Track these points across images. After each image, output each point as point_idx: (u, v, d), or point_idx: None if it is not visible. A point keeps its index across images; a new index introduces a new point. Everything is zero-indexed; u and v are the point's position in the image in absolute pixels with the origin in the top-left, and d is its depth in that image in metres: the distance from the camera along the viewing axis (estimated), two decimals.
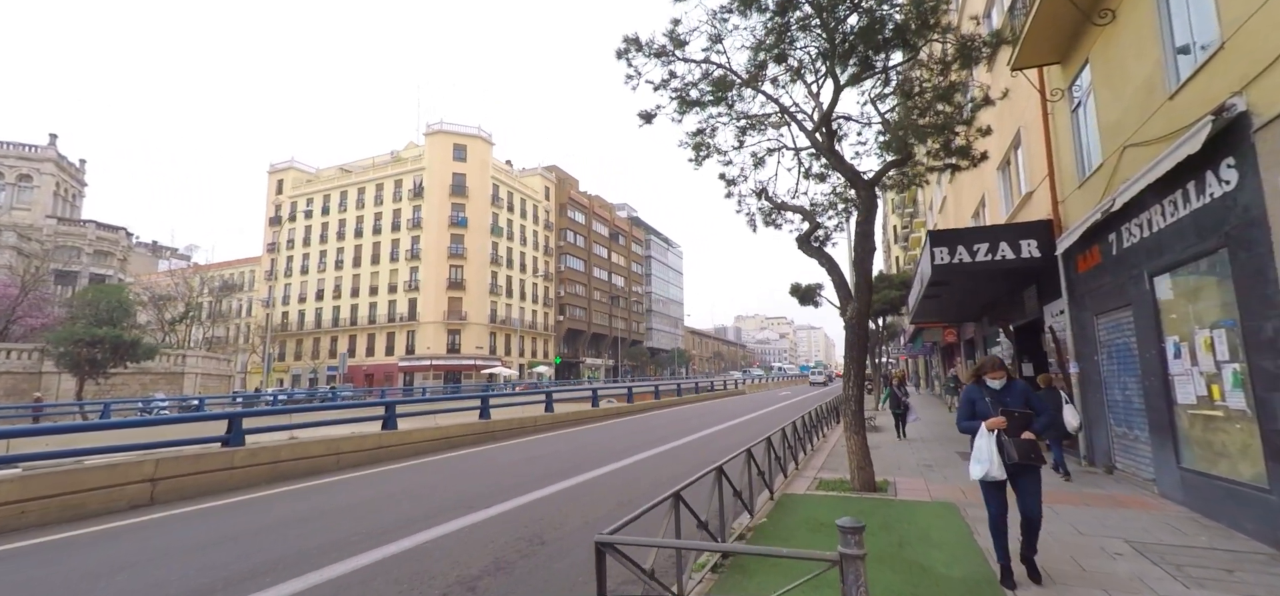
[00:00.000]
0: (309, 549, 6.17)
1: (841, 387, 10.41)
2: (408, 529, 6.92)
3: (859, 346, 8.80)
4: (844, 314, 9.07)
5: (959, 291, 14.85)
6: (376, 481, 9.98)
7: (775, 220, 12.64)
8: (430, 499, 8.56)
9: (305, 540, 6.54)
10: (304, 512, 7.89)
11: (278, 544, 6.43)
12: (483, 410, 15.66)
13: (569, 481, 9.72)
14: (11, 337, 33.43)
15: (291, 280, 68.41)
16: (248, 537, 6.73)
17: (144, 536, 6.94)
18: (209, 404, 30.90)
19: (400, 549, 6.13)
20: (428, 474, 10.64)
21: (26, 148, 45.44)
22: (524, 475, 10.37)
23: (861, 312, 8.79)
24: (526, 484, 9.54)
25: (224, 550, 6.25)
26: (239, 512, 7.96)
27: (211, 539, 6.75)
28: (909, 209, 47.77)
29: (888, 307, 24.92)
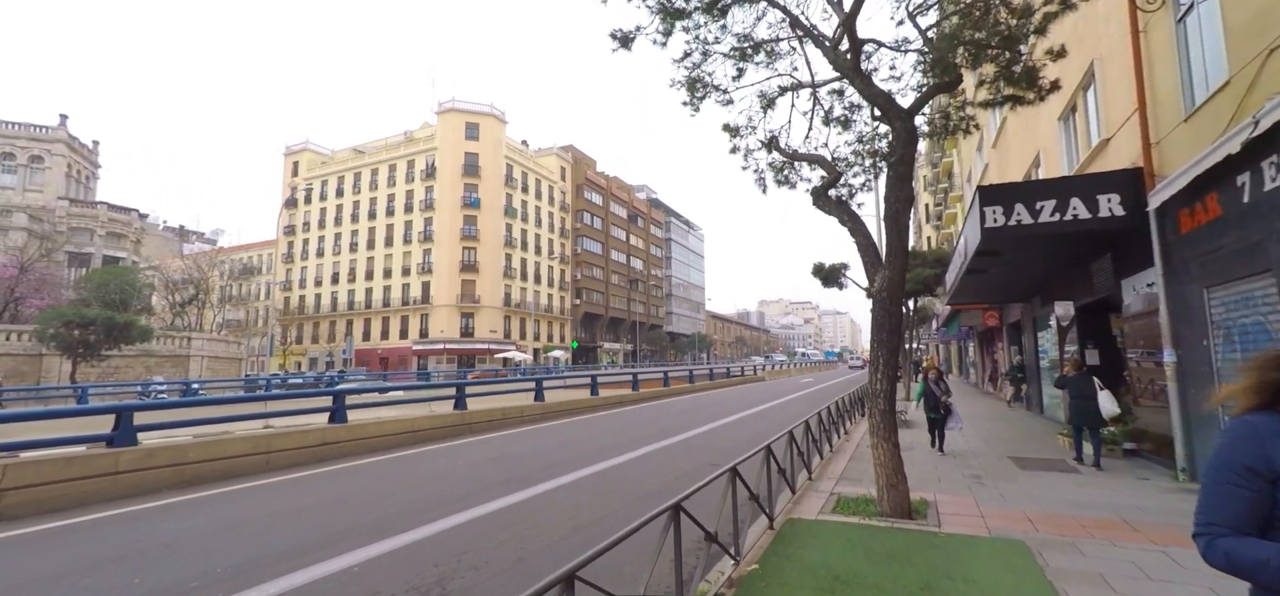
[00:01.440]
0: None
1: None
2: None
3: (891, 326, 6.73)
4: (871, 286, 6.99)
5: (1009, 264, 12.53)
6: (260, 497, 8.31)
7: (788, 177, 10.57)
8: (338, 518, 6.82)
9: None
10: (197, 530, 6.24)
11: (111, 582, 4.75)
12: (458, 400, 13.96)
13: (521, 494, 7.90)
14: (22, 320, 33.11)
15: (308, 263, 68.18)
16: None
17: None
18: (197, 389, 30.04)
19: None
20: (354, 482, 8.94)
21: (37, 129, 45.29)
22: (482, 479, 8.61)
23: (895, 282, 6.71)
24: (475, 494, 7.77)
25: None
26: (84, 535, 6.33)
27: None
28: (943, 184, 44.70)
29: (921, 287, 22.50)
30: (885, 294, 6.76)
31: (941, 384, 11.09)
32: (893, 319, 6.77)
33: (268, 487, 8.29)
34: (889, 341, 6.77)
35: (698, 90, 9.35)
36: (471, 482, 8.52)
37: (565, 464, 10.01)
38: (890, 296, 6.72)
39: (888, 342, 6.76)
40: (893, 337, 6.79)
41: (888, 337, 6.77)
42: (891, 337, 6.77)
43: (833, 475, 8.76)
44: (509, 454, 11.02)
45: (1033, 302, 17.14)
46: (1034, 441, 12.08)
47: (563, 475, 9.03)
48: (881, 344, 6.79)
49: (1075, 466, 9.28)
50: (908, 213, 6.84)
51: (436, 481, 8.65)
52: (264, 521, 6.69)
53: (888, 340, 6.77)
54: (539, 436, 13.37)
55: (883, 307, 6.76)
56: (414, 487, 8.23)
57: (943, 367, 10.19)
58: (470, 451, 11.27)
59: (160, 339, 36.21)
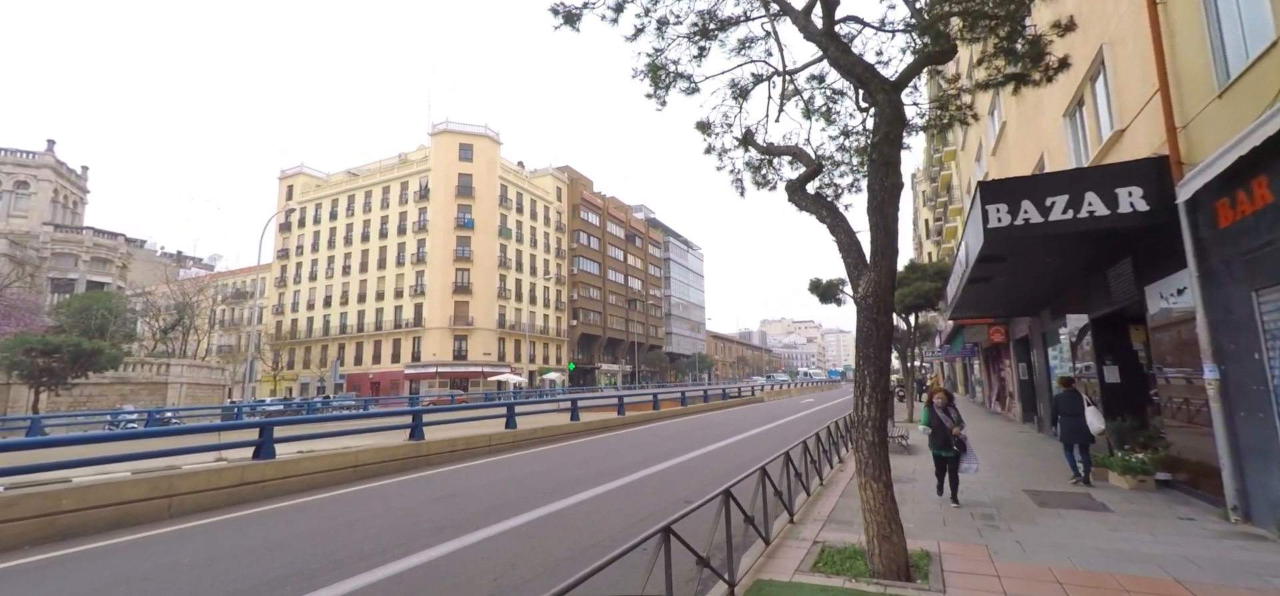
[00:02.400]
0: None
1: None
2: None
3: (879, 339, 5.57)
4: (856, 292, 5.85)
5: (1015, 272, 11.36)
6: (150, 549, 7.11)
7: (767, 176, 9.56)
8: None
9: None
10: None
11: None
12: (414, 429, 12.73)
13: (449, 544, 6.71)
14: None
15: (300, 286, 67.33)
16: None
17: None
18: (173, 417, 28.84)
19: None
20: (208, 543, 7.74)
21: (23, 154, 44.76)
22: (414, 524, 7.41)
23: (883, 286, 5.57)
24: (394, 546, 6.58)
25: None
26: None
27: None
28: (942, 198, 43.72)
29: (921, 301, 21.31)
30: (871, 300, 5.62)
31: (951, 412, 8.61)
32: (881, 330, 5.61)
33: (154, 540, 7.09)
34: (877, 357, 5.60)
35: (662, 79, 8.36)
36: (399, 530, 7.30)
37: (516, 503, 8.79)
38: (877, 303, 5.58)
39: (876, 359, 5.60)
40: (882, 352, 5.63)
41: (876, 352, 5.61)
42: (880, 352, 5.61)
43: (819, 516, 7.52)
44: (460, 491, 9.80)
45: (1042, 316, 15.94)
46: (1049, 469, 10.81)
47: (507, 518, 7.81)
48: (868, 360, 5.62)
49: (1102, 503, 8.03)
50: (895, 204, 5.72)
51: (355, 528, 7.43)
52: (115, 586, 5.49)
53: (876, 356, 5.60)
54: (501, 468, 12.13)
55: (869, 316, 5.61)
56: (324, 539, 7.01)
57: (950, 390, 8.81)
58: (417, 488, 10.04)
59: (137, 366, 35.11)
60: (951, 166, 37.73)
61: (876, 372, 5.60)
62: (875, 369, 5.60)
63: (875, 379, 5.59)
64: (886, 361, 5.70)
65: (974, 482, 9.53)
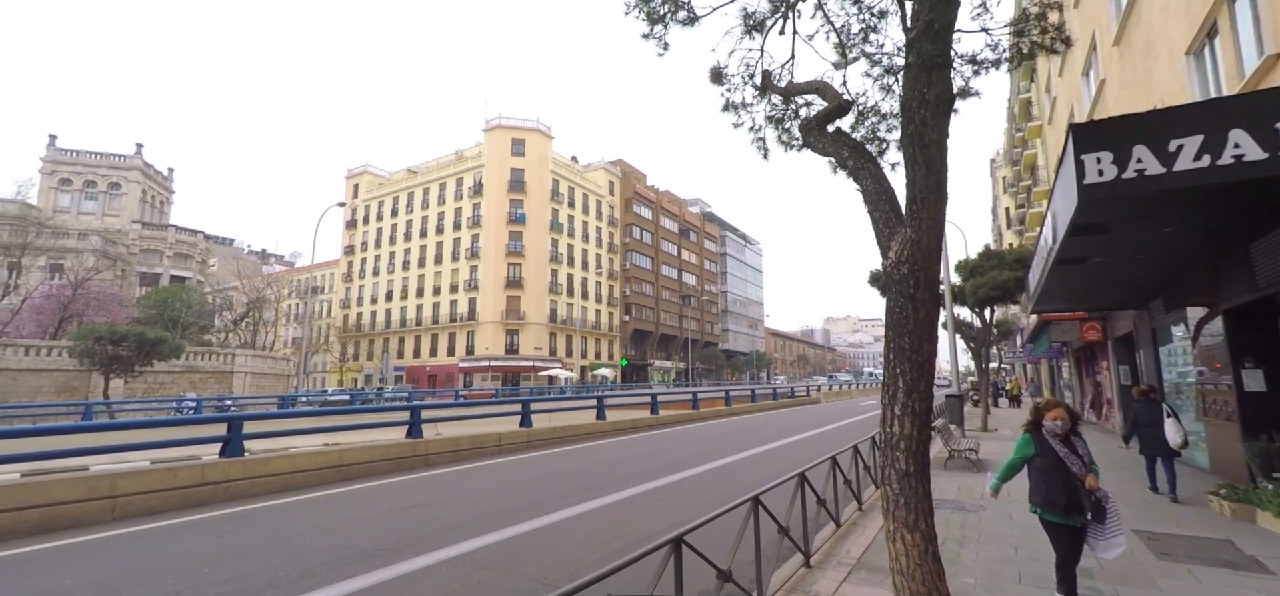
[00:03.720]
0: None
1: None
2: None
3: (917, 323, 3.88)
4: (885, 257, 4.16)
5: (1119, 249, 9.01)
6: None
7: (792, 131, 7.85)
8: None
9: None
10: None
11: None
12: (412, 427, 11.79)
13: (380, 573, 5.51)
14: None
15: (365, 282, 69.93)
16: None
17: None
18: (240, 404, 29.84)
19: None
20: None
21: (116, 157, 48.40)
22: (352, 545, 6.32)
23: (923, 246, 3.88)
24: (319, 570, 5.47)
25: None
26: None
27: None
28: (1025, 182, 39.46)
29: (998, 293, 18.59)
30: (905, 268, 3.92)
31: (1080, 446, 4.88)
32: (921, 311, 3.90)
33: (78, 548, 6.33)
34: (915, 350, 3.89)
35: (656, 9, 6.91)
36: (329, 550, 6.22)
37: (491, 517, 7.59)
38: (914, 271, 3.88)
39: (913, 352, 3.89)
40: (921, 343, 3.91)
41: (913, 343, 3.90)
42: (919, 343, 3.90)
43: (846, 558, 5.81)
44: (439, 499, 8.70)
45: (1151, 308, 13.20)
46: (1168, 502, 8.50)
47: (466, 539, 6.59)
48: (902, 354, 3.92)
49: (1251, 556, 5.87)
50: (943, 126, 3.98)
51: (282, 548, 6.38)
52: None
53: (913, 348, 3.90)
54: (499, 473, 10.99)
55: (902, 291, 3.92)
56: (230, 560, 5.99)
57: (1074, 410, 4.33)
58: (393, 494, 9.02)
59: (206, 356, 36.94)
60: (1036, 144, 33.78)
61: (913, 372, 3.89)
62: (911, 367, 3.90)
63: (911, 380, 3.89)
64: (929, 357, 3.97)
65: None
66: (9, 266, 36.77)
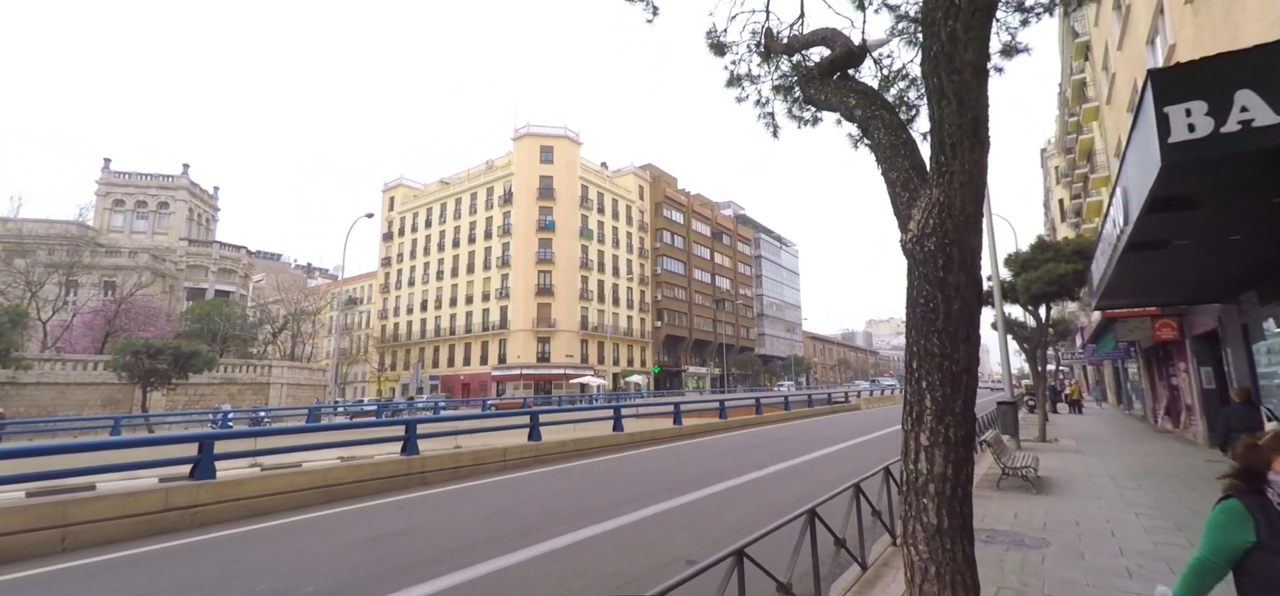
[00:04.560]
0: None
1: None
2: None
3: (949, 318, 2.79)
4: (905, 229, 3.08)
5: (1209, 228, 7.52)
6: None
7: (799, 98, 6.84)
8: None
9: None
10: None
11: None
12: (407, 442, 11.08)
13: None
14: None
15: (401, 292, 71.13)
16: None
17: None
18: (269, 416, 30.21)
19: None
20: None
21: (165, 178, 50.46)
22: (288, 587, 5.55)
23: (958, 210, 2.80)
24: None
25: None
26: None
27: None
28: (1081, 169, 36.66)
29: (1054, 289, 16.78)
30: (932, 242, 2.85)
31: None
32: (955, 299, 2.83)
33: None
34: (947, 353, 2.81)
35: None
36: (278, 591, 5.45)
37: (471, 549, 6.78)
38: (944, 245, 2.81)
39: (943, 357, 2.81)
40: (957, 344, 2.82)
41: (944, 344, 2.82)
42: (951, 347, 2.81)
43: None
44: (420, 526, 7.94)
45: (1242, 301, 11.42)
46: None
47: (438, 577, 5.74)
48: (929, 360, 2.85)
49: None
50: (985, 37, 2.89)
51: (225, 586, 5.66)
52: None
53: (943, 351, 2.82)
54: (495, 493, 10.18)
55: (929, 276, 2.86)
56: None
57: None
58: (373, 520, 8.29)
59: (242, 367, 37.78)
60: (1092, 128, 31.23)
61: (946, 386, 2.81)
62: (942, 379, 2.81)
63: (943, 398, 2.80)
64: (968, 364, 2.87)
65: (1144, 558, 6.08)
66: (66, 284, 38.48)
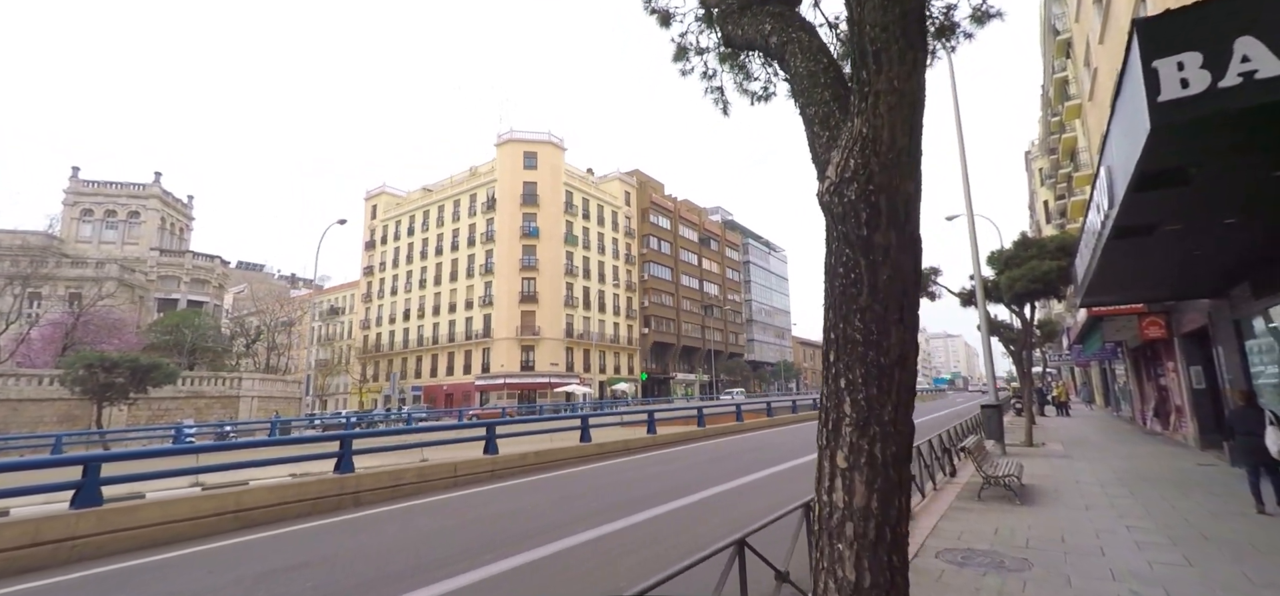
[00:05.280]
0: None
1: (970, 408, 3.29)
2: None
3: (875, 294, 2.01)
4: (822, 174, 2.30)
5: (1202, 209, 6.83)
6: None
7: (747, 67, 6.15)
8: None
9: None
10: None
11: None
12: (342, 459, 10.16)
13: None
14: None
15: (383, 301, 69.86)
16: None
17: None
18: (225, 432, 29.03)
19: None
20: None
21: (136, 187, 49.13)
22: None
23: (886, 145, 2.03)
24: None
25: None
26: None
27: None
28: (1065, 168, 36.39)
29: (1038, 287, 16.18)
30: (853, 190, 2.08)
31: None
32: (884, 271, 2.05)
33: None
34: (874, 345, 2.03)
35: None
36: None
37: (378, 583, 5.92)
38: (866, 195, 2.04)
39: (872, 349, 2.03)
40: (886, 331, 2.05)
41: (871, 331, 2.04)
42: (878, 331, 2.04)
43: None
44: (327, 558, 7.08)
45: (1233, 296, 10.81)
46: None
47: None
48: (849, 352, 2.07)
49: None
50: None
51: None
52: None
53: (871, 340, 2.04)
54: (435, 515, 9.33)
55: (849, 236, 2.08)
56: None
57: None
58: (268, 553, 7.40)
59: (210, 380, 36.52)
60: (1075, 126, 30.95)
61: (871, 383, 2.03)
62: (868, 373, 2.04)
63: (868, 400, 2.03)
64: (901, 355, 2.09)
65: (1139, 582, 5.34)
66: (27, 295, 37.07)
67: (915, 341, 2.16)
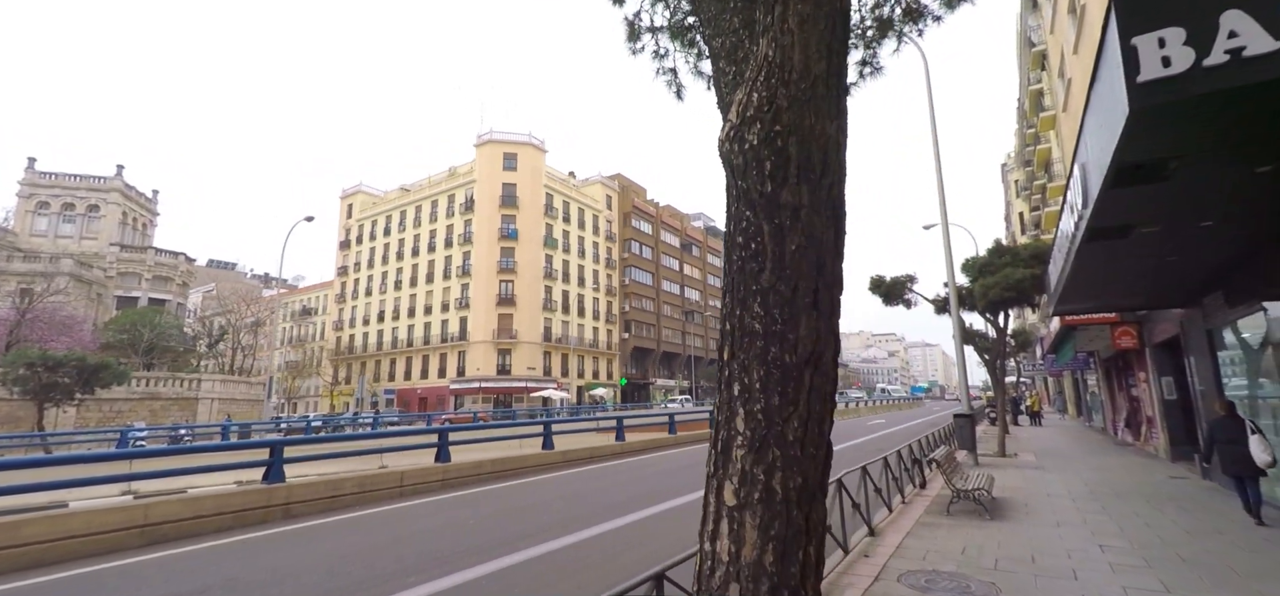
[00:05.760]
0: None
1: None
2: None
3: (781, 269, 1.46)
4: (727, 118, 1.75)
5: (1181, 208, 6.47)
6: None
7: (699, 44, 5.77)
8: None
9: None
10: None
11: None
12: (271, 468, 9.38)
13: None
14: None
15: (358, 302, 68.30)
16: None
17: None
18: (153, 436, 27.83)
19: None
20: None
21: (95, 179, 47.30)
22: None
23: (795, 73, 1.48)
24: None
25: None
26: None
27: None
28: (1040, 180, 36.73)
29: (1012, 294, 15.96)
30: (755, 133, 1.54)
31: None
32: (794, 238, 1.51)
33: None
34: (777, 338, 1.49)
35: None
36: None
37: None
38: (771, 140, 1.50)
39: (774, 342, 1.49)
40: (793, 321, 1.51)
41: (773, 318, 1.50)
42: (782, 318, 1.50)
43: None
44: (239, 579, 6.34)
45: (1207, 304, 10.57)
46: (1272, 567, 5.90)
47: None
48: (748, 344, 1.52)
49: None
50: None
51: None
52: None
53: (774, 331, 1.50)
54: (367, 530, 8.66)
55: (750, 195, 1.55)
56: None
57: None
58: (176, 576, 6.68)
59: (167, 381, 35.08)
60: (1050, 138, 31.18)
61: (773, 390, 1.50)
62: (769, 375, 1.50)
63: (767, 411, 1.51)
64: (817, 351, 1.56)
65: None
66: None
67: (835, 335, 1.63)
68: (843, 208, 1.71)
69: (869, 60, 5.92)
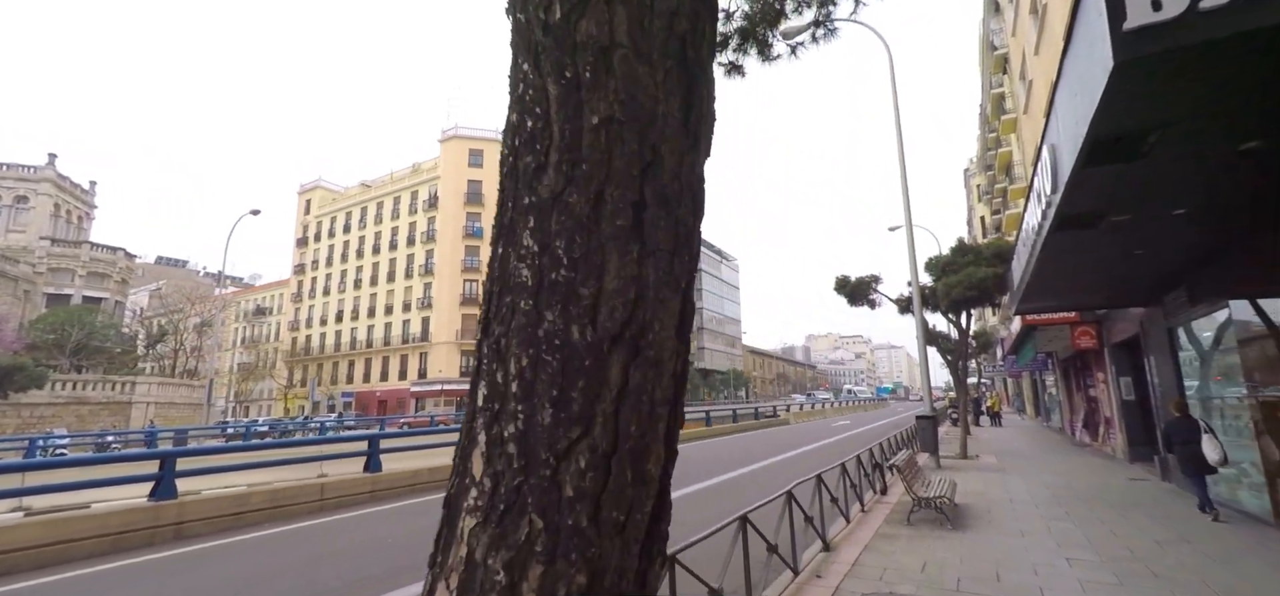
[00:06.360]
0: None
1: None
2: None
3: (569, 143, 0.71)
4: None
5: (1156, 192, 5.99)
6: None
7: None
8: None
9: None
10: None
11: None
12: (159, 482, 8.22)
13: None
14: None
15: (315, 302, 65.71)
16: None
17: None
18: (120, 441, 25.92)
19: None
20: None
21: (24, 169, 44.21)
22: None
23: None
24: None
25: None
26: None
27: None
28: (1001, 183, 37.22)
29: (975, 293, 15.71)
30: None
31: None
32: (624, 64, 0.75)
33: None
34: (572, 265, 0.74)
35: None
36: None
37: None
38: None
39: (564, 261, 0.73)
40: (590, 247, 0.76)
41: (565, 229, 0.75)
42: (579, 237, 0.75)
43: None
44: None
45: (1167, 302, 10.31)
46: (1247, 581, 5.43)
47: None
48: (510, 307, 0.75)
49: None
50: None
51: None
52: None
53: (562, 259, 0.74)
54: (265, 552, 7.68)
55: (530, 9, 0.76)
56: None
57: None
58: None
59: (95, 385, 32.78)
60: (1011, 141, 31.54)
61: (543, 392, 0.73)
62: (537, 363, 0.73)
63: (525, 445, 0.72)
64: (644, 321, 0.81)
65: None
66: None
67: (684, 299, 0.89)
68: (704, 66, 0.97)
69: (823, 20, 5.28)
